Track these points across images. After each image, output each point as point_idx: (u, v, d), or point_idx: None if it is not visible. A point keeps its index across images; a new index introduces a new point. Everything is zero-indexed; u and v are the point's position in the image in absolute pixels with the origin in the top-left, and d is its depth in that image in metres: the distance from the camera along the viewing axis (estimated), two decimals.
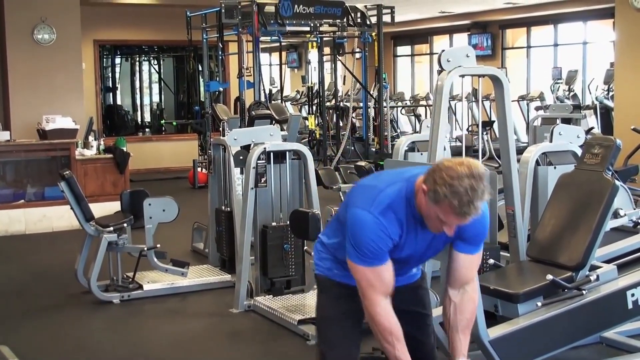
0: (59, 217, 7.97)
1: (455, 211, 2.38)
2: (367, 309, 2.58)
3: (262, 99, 8.50)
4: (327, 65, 10.96)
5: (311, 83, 10.37)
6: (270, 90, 13.89)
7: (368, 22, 9.60)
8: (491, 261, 4.04)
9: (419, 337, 2.78)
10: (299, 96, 15.22)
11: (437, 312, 3.72)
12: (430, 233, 2.56)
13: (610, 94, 11.20)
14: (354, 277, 2.60)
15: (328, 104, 11.41)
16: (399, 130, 14.23)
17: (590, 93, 12.26)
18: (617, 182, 3.80)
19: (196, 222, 7.14)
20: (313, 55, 9.88)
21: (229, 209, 5.97)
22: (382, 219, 2.49)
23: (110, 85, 15.67)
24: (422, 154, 5.87)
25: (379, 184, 2.58)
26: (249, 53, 9.07)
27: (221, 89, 10.57)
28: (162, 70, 16.30)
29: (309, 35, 9.33)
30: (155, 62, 16.42)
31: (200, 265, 6.26)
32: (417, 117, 14.68)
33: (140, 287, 5.61)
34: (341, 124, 10.69)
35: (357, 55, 10.33)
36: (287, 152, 5.29)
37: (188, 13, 10.04)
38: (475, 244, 2.65)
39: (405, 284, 2.77)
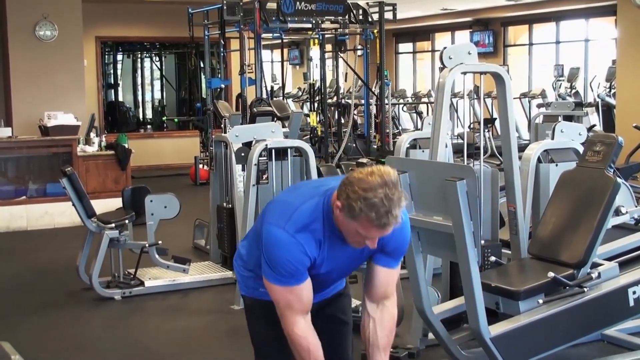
0: (61, 214, 7.98)
1: (374, 224, 2.28)
2: (286, 329, 2.47)
3: (264, 95, 8.49)
4: (329, 62, 10.96)
5: (313, 80, 10.33)
6: (272, 87, 13.85)
7: (370, 19, 9.58)
8: (492, 258, 4.03)
9: (338, 349, 2.67)
10: (300, 93, 15.19)
11: (437, 309, 3.74)
12: (352, 247, 2.44)
13: (612, 91, 11.19)
14: (270, 297, 2.48)
15: (330, 101, 11.39)
16: (400, 128, 14.22)
17: (592, 90, 12.23)
18: (619, 180, 3.79)
19: (198, 219, 7.15)
20: (315, 52, 9.84)
21: (230, 205, 5.97)
22: (298, 237, 2.37)
23: (112, 82, 15.65)
24: (423, 151, 5.86)
25: (295, 200, 2.45)
26: (250, 50, 9.07)
27: (223, 86, 10.57)
28: (163, 67, 16.27)
29: (310, 32, 9.31)
30: (157, 58, 16.39)
31: (201, 261, 6.27)
32: (419, 114, 14.64)
33: (142, 283, 5.62)
34: (343, 121, 10.66)
35: (359, 53, 10.32)
36: (289, 149, 5.29)
37: (190, 10, 10.05)
38: (395, 257, 2.56)
39: (331, 295, 2.70)
